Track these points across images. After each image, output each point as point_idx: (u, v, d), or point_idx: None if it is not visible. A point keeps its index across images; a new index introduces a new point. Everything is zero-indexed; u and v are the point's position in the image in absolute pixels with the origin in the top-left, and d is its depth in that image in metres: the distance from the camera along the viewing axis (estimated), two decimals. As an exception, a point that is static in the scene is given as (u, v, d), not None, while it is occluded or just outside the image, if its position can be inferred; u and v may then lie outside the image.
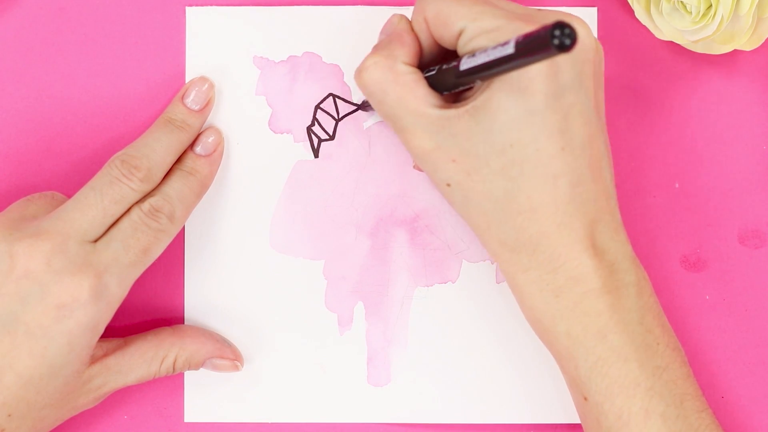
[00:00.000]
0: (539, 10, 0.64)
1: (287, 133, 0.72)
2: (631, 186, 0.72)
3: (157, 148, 0.67)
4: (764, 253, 0.72)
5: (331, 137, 0.72)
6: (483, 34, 0.63)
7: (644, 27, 0.71)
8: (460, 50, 0.64)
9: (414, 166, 0.72)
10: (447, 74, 0.63)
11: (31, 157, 0.72)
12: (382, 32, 0.68)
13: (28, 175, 0.72)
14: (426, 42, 0.66)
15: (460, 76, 0.62)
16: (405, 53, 0.65)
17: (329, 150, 0.72)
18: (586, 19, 0.72)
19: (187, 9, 0.72)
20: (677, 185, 0.72)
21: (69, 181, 0.71)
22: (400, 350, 0.72)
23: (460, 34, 0.64)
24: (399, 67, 0.64)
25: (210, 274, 0.72)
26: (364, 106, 0.72)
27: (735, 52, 0.72)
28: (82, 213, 0.65)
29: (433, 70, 0.65)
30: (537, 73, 0.61)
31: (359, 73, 0.65)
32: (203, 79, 0.71)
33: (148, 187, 0.66)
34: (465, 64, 0.62)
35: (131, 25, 0.72)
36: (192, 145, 0.70)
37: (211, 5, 0.72)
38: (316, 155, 0.72)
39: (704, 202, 0.72)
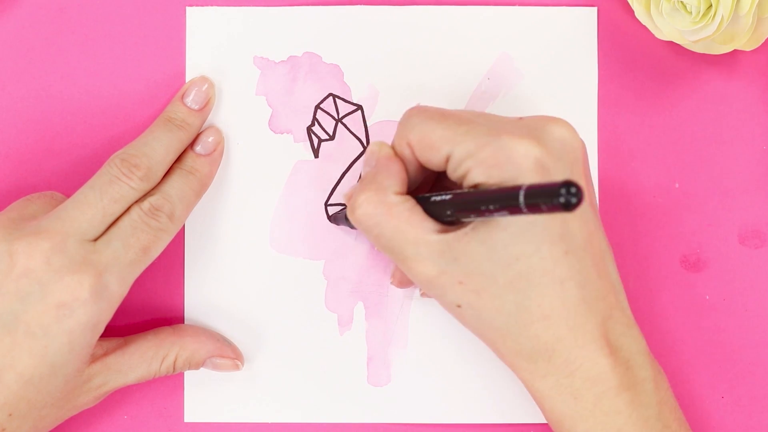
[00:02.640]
0: (521, 119, 0.64)
1: (287, 133, 0.72)
2: (631, 186, 0.72)
3: (156, 147, 0.67)
4: (764, 253, 0.72)
5: (331, 137, 0.72)
6: (470, 157, 0.62)
7: (644, 27, 0.71)
8: (450, 174, 0.63)
9: (421, 294, 0.71)
10: (442, 206, 0.63)
11: (31, 157, 0.72)
12: (365, 163, 0.67)
13: (28, 175, 0.72)
14: (412, 165, 0.65)
15: (457, 213, 0.62)
16: (394, 183, 0.64)
17: (329, 150, 0.72)
18: (586, 19, 0.72)
19: (187, 9, 0.72)
20: (677, 185, 0.72)
21: (69, 180, 0.71)
22: (400, 350, 0.72)
23: (447, 159, 0.63)
24: (391, 198, 0.64)
25: (210, 274, 0.72)
26: (335, 219, 0.71)
27: (735, 52, 0.72)
28: (81, 212, 0.65)
29: (426, 196, 0.64)
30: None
31: (352, 211, 0.64)
32: (203, 79, 0.71)
33: (147, 186, 0.66)
34: (462, 203, 0.61)
35: (131, 25, 0.72)
36: (192, 145, 0.70)
37: (211, 5, 0.72)
38: (316, 155, 0.72)
39: (704, 202, 0.72)
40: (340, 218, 0.71)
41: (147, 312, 0.72)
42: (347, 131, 0.72)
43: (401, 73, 0.72)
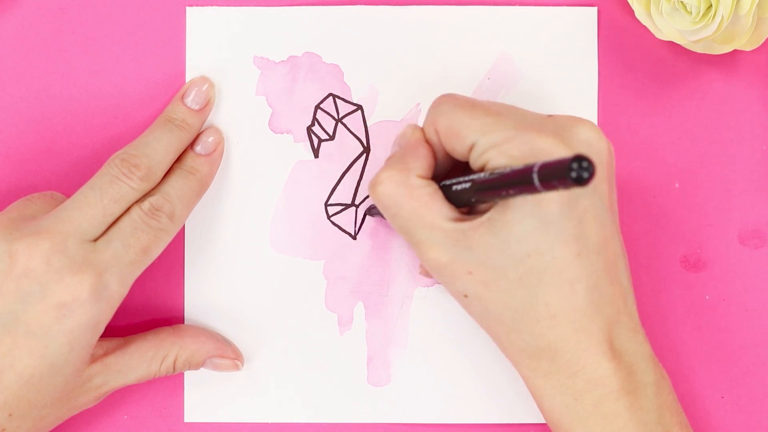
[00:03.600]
0: (550, 117, 0.64)
1: (287, 133, 0.72)
2: (631, 186, 0.72)
3: (157, 147, 0.67)
4: (764, 253, 0.72)
5: (331, 137, 0.72)
6: (494, 148, 0.62)
7: (644, 27, 0.71)
8: (472, 163, 0.64)
9: (420, 272, 0.71)
10: (463, 193, 0.63)
11: (31, 157, 0.72)
12: (395, 143, 0.68)
13: (28, 175, 0.72)
14: (439, 152, 0.66)
15: (477, 197, 0.62)
16: (419, 166, 0.65)
17: (329, 150, 0.72)
18: (586, 19, 0.72)
19: (187, 9, 0.72)
20: (677, 185, 0.72)
21: (69, 180, 0.71)
22: (400, 350, 0.72)
23: (471, 147, 0.63)
24: (413, 180, 0.64)
25: (210, 274, 0.72)
26: (370, 212, 0.71)
27: (735, 52, 0.72)
28: (81, 212, 0.65)
29: (447, 183, 0.64)
30: None
31: (373, 186, 0.65)
32: (203, 79, 0.71)
33: (147, 186, 0.66)
34: (483, 187, 0.61)
35: (131, 25, 0.72)
36: (192, 145, 0.70)
37: (211, 5, 0.72)
38: (316, 155, 0.72)
39: (704, 202, 0.72)
40: (374, 208, 0.71)
41: (147, 312, 0.72)
42: (347, 131, 0.72)
43: (401, 73, 0.72)
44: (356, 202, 0.72)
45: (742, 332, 0.72)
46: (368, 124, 0.72)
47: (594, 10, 0.72)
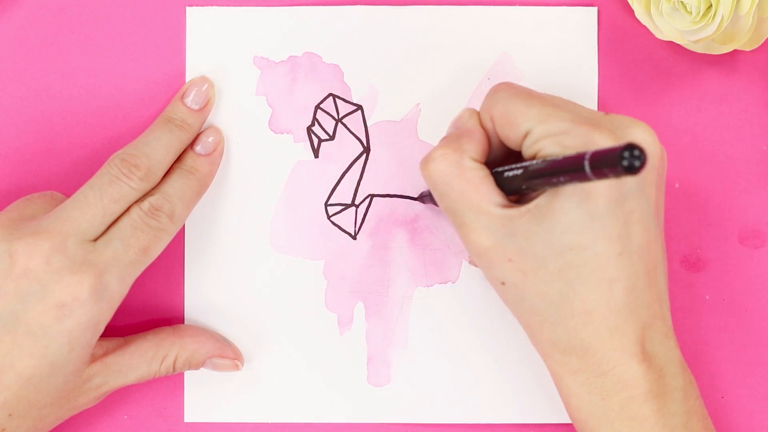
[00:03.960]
0: (606, 114, 0.64)
1: (287, 133, 0.72)
2: (631, 186, 0.72)
3: (156, 147, 0.67)
4: (764, 253, 0.72)
5: (331, 137, 0.72)
6: (548, 137, 0.62)
7: (644, 27, 0.71)
8: (525, 151, 0.64)
9: (469, 261, 0.71)
10: (514, 180, 0.63)
11: (31, 157, 0.72)
12: (452, 125, 0.67)
13: (28, 175, 0.72)
14: (493, 140, 0.66)
15: (527, 183, 0.62)
16: (474, 149, 0.65)
17: (329, 150, 0.72)
18: (586, 19, 0.72)
19: (187, 9, 0.72)
20: (677, 185, 0.72)
21: (69, 180, 0.71)
22: (400, 350, 0.72)
23: (525, 135, 0.63)
24: (466, 162, 0.64)
25: (210, 274, 0.72)
26: (422, 198, 0.71)
27: (735, 52, 0.72)
28: (81, 212, 0.65)
29: (500, 170, 0.64)
30: None
31: (426, 163, 0.64)
32: (203, 79, 0.71)
33: (147, 186, 0.66)
34: (534, 173, 0.61)
35: (131, 25, 0.72)
36: (192, 145, 0.70)
37: (211, 5, 0.72)
38: (316, 155, 0.72)
39: (704, 202, 0.72)
40: (427, 195, 0.71)
41: (147, 312, 0.72)
42: (347, 131, 0.72)
43: (401, 73, 0.72)
44: (356, 202, 0.72)
45: (742, 332, 0.72)
46: (368, 124, 0.72)
47: (594, 10, 0.72)
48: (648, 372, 0.63)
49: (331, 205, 0.72)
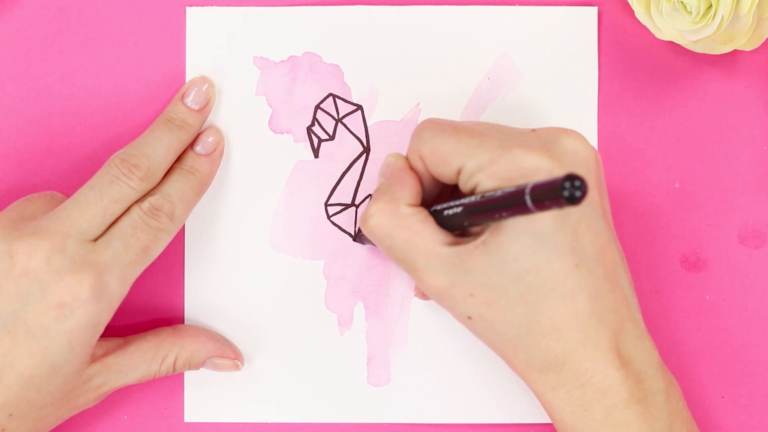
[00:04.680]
0: (533, 131, 0.64)
1: (287, 133, 0.72)
2: (631, 186, 0.72)
3: (156, 147, 0.67)
4: (764, 253, 0.72)
5: (331, 137, 0.72)
6: (481, 171, 0.62)
7: (644, 27, 0.71)
8: (462, 186, 0.64)
9: (415, 294, 0.71)
10: (455, 217, 0.63)
11: (31, 157, 0.72)
12: (380, 174, 0.68)
13: (28, 175, 0.72)
14: (425, 178, 0.66)
15: (469, 220, 0.62)
16: (407, 194, 0.65)
17: (329, 150, 0.72)
18: (586, 19, 0.72)
19: (187, 9, 0.72)
20: (677, 185, 0.72)
21: (69, 181, 0.71)
22: (400, 350, 0.72)
23: (459, 172, 0.63)
24: (403, 210, 0.64)
25: (210, 274, 0.72)
26: (359, 237, 0.71)
27: (735, 52, 0.72)
28: (81, 212, 0.65)
29: (438, 209, 0.64)
30: None
31: (365, 221, 0.65)
32: (203, 79, 0.71)
33: (147, 186, 0.66)
34: (474, 210, 0.61)
35: (131, 25, 0.72)
36: (192, 145, 0.70)
37: (211, 5, 0.72)
38: (316, 155, 0.72)
39: (704, 202, 0.72)
40: (363, 237, 0.71)
41: (147, 312, 0.72)
42: (347, 131, 0.72)
43: (401, 73, 0.72)
44: (356, 202, 0.72)
45: (742, 332, 0.72)
46: (368, 124, 0.72)
47: (594, 10, 0.72)
48: (626, 377, 0.63)
49: (331, 205, 0.72)
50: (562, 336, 0.62)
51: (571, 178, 0.53)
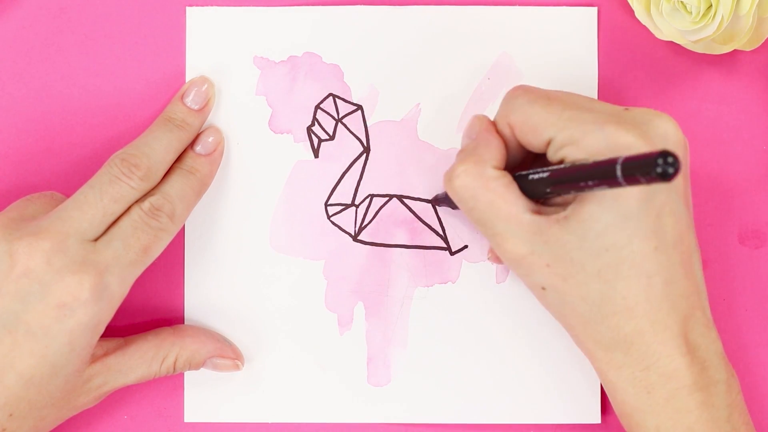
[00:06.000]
0: (627, 109, 0.64)
1: (287, 133, 0.72)
2: (631, 186, 0.72)
3: (156, 147, 0.67)
4: (764, 253, 0.72)
5: (331, 137, 0.72)
6: (572, 144, 0.62)
7: (644, 27, 0.71)
8: (550, 157, 0.64)
9: (489, 257, 0.71)
10: (539, 183, 0.63)
11: (31, 157, 0.72)
12: (465, 135, 0.67)
13: (28, 175, 0.72)
14: (511, 144, 0.66)
15: (553, 188, 0.62)
16: (493, 157, 0.64)
17: (329, 150, 0.72)
18: (586, 19, 0.72)
19: (187, 9, 0.72)
20: (677, 185, 0.72)
21: (69, 181, 0.71)
22: (400, 350, 0.72)
23: (548, 143, 0.63)
24: (489, 172, 0.64)
25: (210, 274, 0.72)
26: (437, 201, 0.71)
27: (735, 52, 0.72)
28: (81, 212, 0.65)
29: (523, 174, 0.64)
30: None
31: (450, 180, 0.64)
32: (203, 79, 0.71)
33: (148, 186, 0.66)
34: (561, 178, 0.61)
35: (131, 25, 0.72)
36: (192, 145, 0.70)
37: (211, 5, 0.72)
38: (316, 155, 0.72)
39: (704, 202, 0.72)
40: (441, 199, 0.70)
41: (147, 312, 0.72)
42: (347, 131, 0.72)
43: (401, 73, 0.72)
44: (356, 202, 0.72)
45: (742, 332, 0.72)
46: (368, 124, 0.72)
47: (594, 10, 0.72)
48: (692, 364, 0.63)
49: (331, 205, 0.72)
50: (634, 316, 0.63)
51: (665, 154, 0.53)
